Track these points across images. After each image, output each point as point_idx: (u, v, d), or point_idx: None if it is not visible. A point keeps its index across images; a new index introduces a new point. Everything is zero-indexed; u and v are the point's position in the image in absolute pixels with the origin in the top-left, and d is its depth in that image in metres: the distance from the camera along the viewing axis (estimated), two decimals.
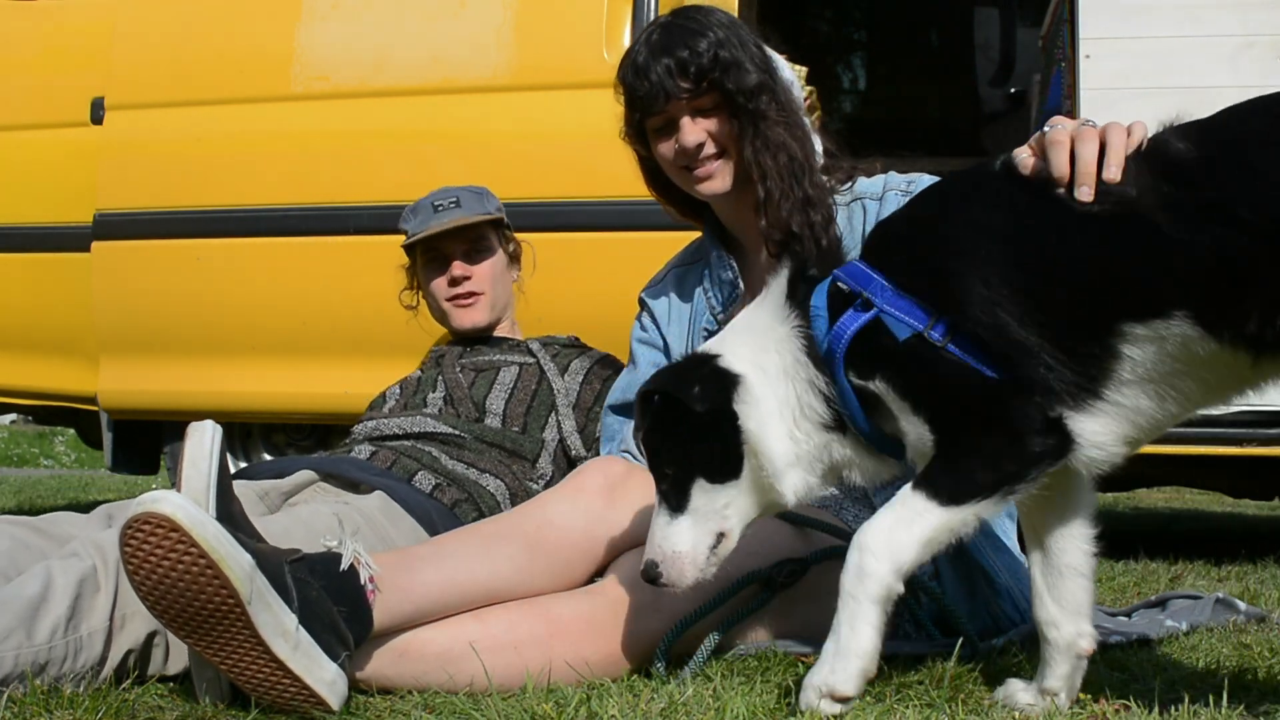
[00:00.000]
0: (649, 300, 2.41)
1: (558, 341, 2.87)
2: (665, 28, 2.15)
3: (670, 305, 2.36)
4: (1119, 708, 1.58)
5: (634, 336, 2.42)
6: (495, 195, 2.93)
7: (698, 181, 2.17)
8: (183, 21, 3.96)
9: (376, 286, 3.66)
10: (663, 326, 2.36)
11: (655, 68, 2.09)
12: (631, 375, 2.37)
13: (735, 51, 2.10)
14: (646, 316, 2.40)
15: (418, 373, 2.85)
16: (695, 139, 2.12)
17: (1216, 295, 1.35)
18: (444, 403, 2.69)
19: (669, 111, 2.13)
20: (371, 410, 2.76)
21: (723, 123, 2.13)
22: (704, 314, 2.30)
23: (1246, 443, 3.33)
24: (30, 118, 4.14)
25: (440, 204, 2.84)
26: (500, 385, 2.71)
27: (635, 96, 2.15)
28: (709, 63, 2.08)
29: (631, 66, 2.14)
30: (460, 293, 2.85)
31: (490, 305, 2.87)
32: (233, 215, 3.81)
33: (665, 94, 2.09)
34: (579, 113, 3.53)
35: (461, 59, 3.67)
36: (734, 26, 2.15)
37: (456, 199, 2.85)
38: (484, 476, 2.48)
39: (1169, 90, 3.44)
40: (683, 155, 2.15)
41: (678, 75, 2.08)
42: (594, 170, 3.43)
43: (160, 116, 3.90)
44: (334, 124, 3.74)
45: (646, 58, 2.11)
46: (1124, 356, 1.41)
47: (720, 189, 2.17)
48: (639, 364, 2.36)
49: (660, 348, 2.36)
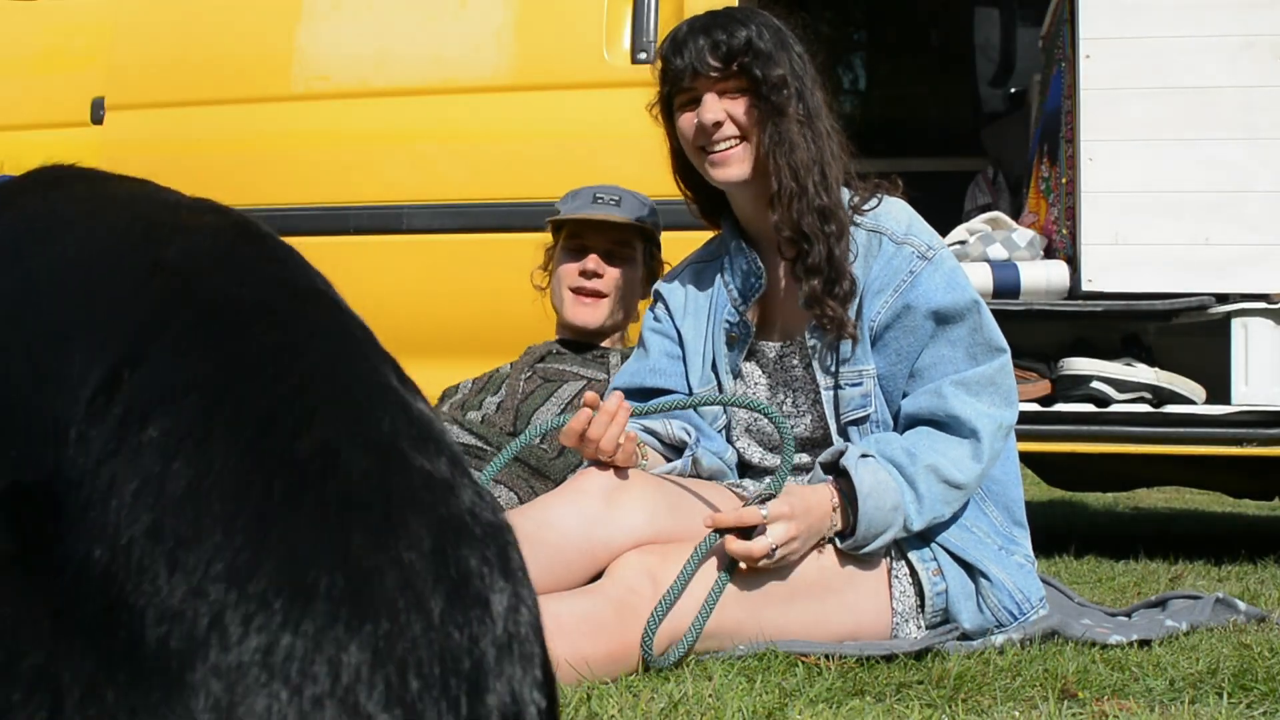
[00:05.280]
0: (664, 292, 2.43)
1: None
2: (712, 13, 2.26)
3: (687, 297, 2.38)
4: (1119, 707, 1.57)
5: (646, 326, 2.43)
6: (658, 212, 2.94)
7: (713, 166, 2.22)
8: (183, 21, 3.95)
9: (377, 286, 3.68)
10: (677, 318, 2.38)
11: (691, 44, 2.18)
12: (642, 361, 2.39)
13: (771, 47, 2.18)
14: (661, 307, 2.42)
15: (506, 367, 2.85)
16: (714, 116, 2.18)
17: None
18: (495, 409, 2.68)
19: (696, 88, 2.21)
20: (444, 398, 2.78)
21: (747, 109, 2.19)
22: (724, 305, 2.31)
23: (1246, 443, 3.33)
24: (30, 118, 4.14)
25: (602, 197, 2.86)
26: (556, 399, 2.70)
27: (668, 69, 2.24)
28: (741, 47, 2.17)
29: (671, 41, 2.24)
30: (586, 287, 2.85)
31: (609, 312, 2.87)
32: None
33: (694, 70, 2.18)
34: (579, 113, 3.53)
35: (461, 59, 3.67)
36: (781, 30, 2.24)
37: (619, 199, 2.86)
38: (498, 488, 2.47)
39: (1169, 90, 3.45)
40: (701, 133, 2.21)
41: (709, 53, 2.17)
42: (594, 170, 3.43)
43: (160, 116, 3.90)
44: (334, 124, 3.74)
45: (686, 34, 2.21)
46: None
47: (736, 176, 2.21)
48: (650, 351, 2.38)
49: (674, 338, 2.38)
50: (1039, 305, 3.49)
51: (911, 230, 2.20)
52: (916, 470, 2.02)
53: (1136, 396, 3.44)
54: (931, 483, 2.03)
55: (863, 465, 2.01)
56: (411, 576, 0.78)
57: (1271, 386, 3.35)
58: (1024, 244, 3.61)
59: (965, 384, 2.09)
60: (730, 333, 2.29)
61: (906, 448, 2.06)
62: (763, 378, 2.29)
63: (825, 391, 2.19)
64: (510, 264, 3.23)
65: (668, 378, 2.33)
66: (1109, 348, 3.58)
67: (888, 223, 2.20)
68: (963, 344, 2.12)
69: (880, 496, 1.99)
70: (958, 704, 1.60)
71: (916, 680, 1.74)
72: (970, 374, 2.10)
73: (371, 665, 0.74)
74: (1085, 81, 3.48)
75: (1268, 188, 3.38)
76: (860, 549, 2.02)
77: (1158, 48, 3.45)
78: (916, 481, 2.02)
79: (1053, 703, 1.61)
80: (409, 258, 3.63)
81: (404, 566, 0.78)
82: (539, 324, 3.05)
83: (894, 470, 2.03)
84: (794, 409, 2.25)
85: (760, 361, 2.30)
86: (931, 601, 2.07)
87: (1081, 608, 2.41)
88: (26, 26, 4.21)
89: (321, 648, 0.73)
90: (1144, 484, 4.87)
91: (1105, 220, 3.44)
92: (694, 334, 2.34)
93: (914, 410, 2.12)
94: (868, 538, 2.00)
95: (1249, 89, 3.39)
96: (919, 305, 2.12)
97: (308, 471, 0.81)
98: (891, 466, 2.03)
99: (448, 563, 0.80)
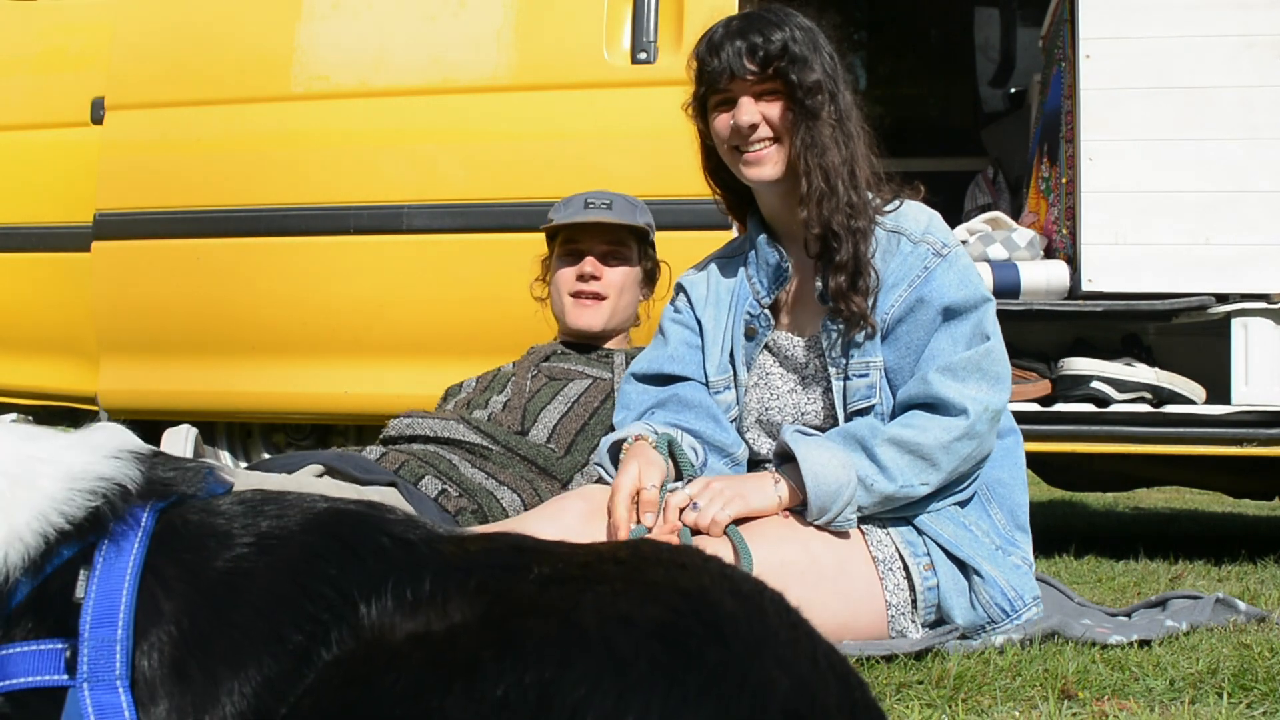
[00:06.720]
0: (686, 284, 2.48)
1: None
2: (747, 16, 2.29)
3: (709, 289, 2.43)
4: (1119, 707, 1.58)
5: (665, 316, 2.48)
6: (649, 211, 2.98)
7: (746, 165, 2.27)
8: (183, 21, 3.95)
9: (377, 286, 3.68)
10: (698, 309, 2.43)
11: (728, 48, 2.22)
12: (662, 349, 2.43)
13: (806, 50, 2.22)
14: (682, 299, 2.47)
15: (509, 366, 2.85)
16: (750, 119, 2.23)
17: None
18: (501, 408, 2.69)
19: (732, 90, 2.25)
20: (447, 396, 2.78)
21: (782, 111, 2.24)
22: (747, 298, 2.36)
23: (1246, 443, 3.33)
24: (30, 118, 4.14)
25: (594, 202, 2.87)
26: (562, 398, 2.70)
27: (704, 71, 2.27)
28: (778, 51, 2.20)
29: (707, 43, 2.27)
30: (586, 290, 2.86)
31: (610, 313, 2.88)
32: (233, 215, 3.81)
33: (731, 72, 2.22)
34: (579, 113, 3.53)
35: (461, 59, 3.66)
36: (813, 32, 2.27)
37: (610, 202, 2.88)
38: (501, 489, 2.47)
39: (1169, 90, 3.45)
40: (736, 134, 2.26)
41: (746, 57, 2.21)
42: (595, 170, 3.43)
43: (160, 116, 3.89)
44: (334, 124, 3.74)
45: (722, 37, 2.24)
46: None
47: (769, 175, 2.26)
48: (670, 339, 2.43)
49: (694, 329, 2.42)
50: (1039, 305, 3.49)
51: (930, 230, 2.24)
52: (876, 441, 2.08)
53: (1136, 396, 3.44)
54: (895, 453, 2.08)
55: (799, 435, 2.12)
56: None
57: (1271, 386, 3.36)
58: (1024, 244, 3.61)
59: (950, 369, 2.13)
60: (750, 325, 2.34)
61: (871, 424, 2.14)
62: (776, 368, 2.33)
63: (835, 382, 2.23)
64: (510, 264, 3.23)
65: (686, 366, 2.39)
66: (1109, 348, 3.58)
67: (907, 224, 2.25)
68: (963, 338, 2.15)
69: (822, 455, 2.06)
70: (958, 704, 1.60)
71: (916, 680, 1.74)
72: (956, 359, 2.13)
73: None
74: (1085, 81, 3.48)
75: (1268, 188, 3.39)
76: (826, 514, 2.06)
77: (1158, 48, 3.45)
78: (875, 449, 2.08)
79: (1053, 703, 1.61)
80: (409, 258, 3.63)
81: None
82: (539, 324, 3.05)
83: (852, 441, 2.10)
84: (805, 398, 2.28)
85: (774, 352, 2.34)
86: (923, 596, 2.09)
87: (1081, 608, 2.42)
88: (26, 26, 4.21)
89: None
90: (1144, 484, 4.87)
91: (1105, 220, 3.45)
92: (714, 324, 2.39)
93: (904, 398, 2.18)
94: (822, 499, 2.05)
95: (1249, 89, 3.39)
96: (932, 300, 2.17)
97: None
98: (849, 439, 2.10)
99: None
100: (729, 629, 0.97)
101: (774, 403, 2.31)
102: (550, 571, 1.09)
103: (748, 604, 1.04)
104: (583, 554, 1.15)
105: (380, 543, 1.19)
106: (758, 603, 1.05)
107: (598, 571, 1.08)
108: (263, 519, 1.22)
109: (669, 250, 3.05)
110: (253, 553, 1.18)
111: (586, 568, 1.09)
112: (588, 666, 0.92)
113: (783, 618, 1.05)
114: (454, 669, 0.95)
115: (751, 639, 0.97)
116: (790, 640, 1.00)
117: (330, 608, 1.12)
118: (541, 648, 0.95)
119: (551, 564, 1.11)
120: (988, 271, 3.50)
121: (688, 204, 3.21)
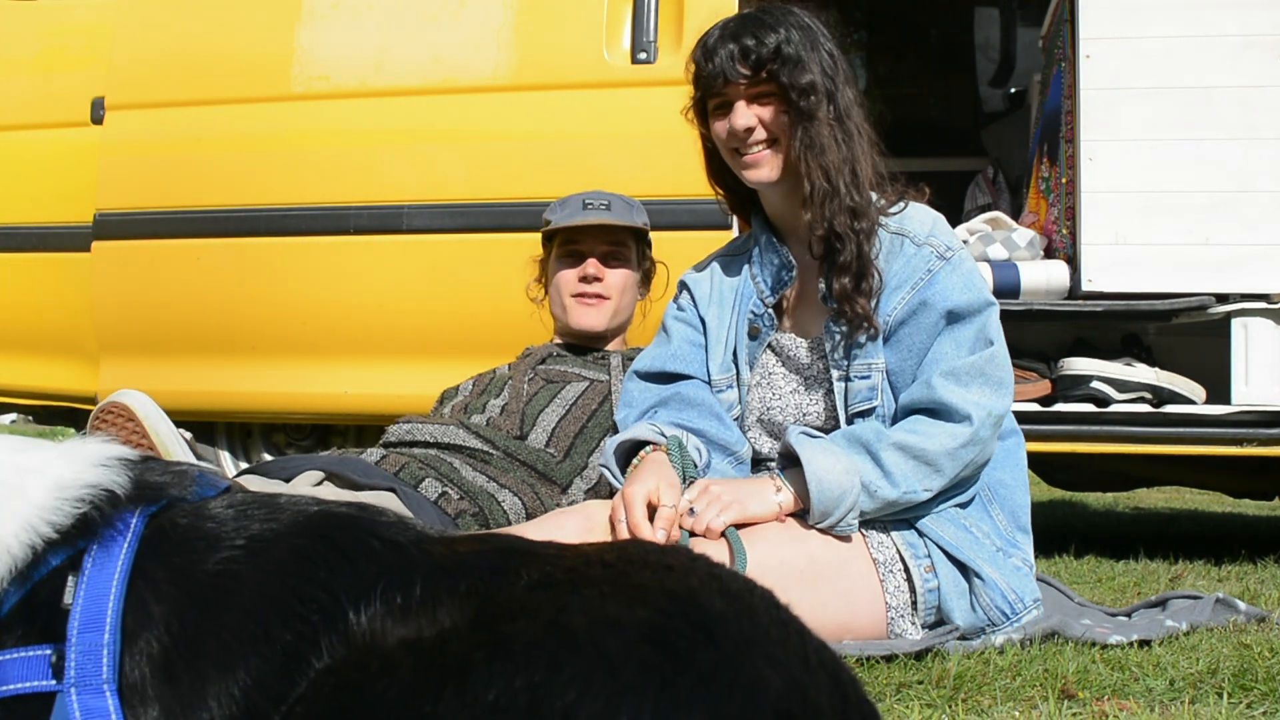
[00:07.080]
0: (690, 282, 2.48)
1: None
2: (742, 17, 2.28)
3: (713, 287, 2.43)
4: (1119, 707, 1.58)
5: (669, 314, 2.48)
6: (645, 211, 2.98)
7: (745, 167, 2.28)
8: (183, 21, 3.95)
9: (377, 286, 3.68)
10: (702, 307, 2.43)
11: (721, 51, 2.22)
12: (665, 346, 2.43)
13: (801, 50, 2.21)
14: (686, 296, 2.47)
15: (504, 368, 2.85)
16: (745, 122, 2.23)
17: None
18: (499, 412, 2.68)
19: (727, 94, 2.25)
20: (443, 400, 2.77)
21: (777, 113, 2.24)
22: (750, 296, 2.36)
23: (1246, 443, 3.33)
24: (30, 118, 4.14)
25: (591, 203, 2.87)
26: (560, 401, 2.70)
27: (700, 75, 2.28)
28: (770, 54, 2.20)
29: (702, 47, 2.27)
30: (589, 292, 2.86)
31: (612, 313, 2.88)
32: (233, 215, 3.81)
33: (725, 77, 2.22)
34: (579, 113, 3.53)
35: (461, 59, 3.67)
36: (810, 30, 2.26)
37: (608, 203, 2.88)
38: (502, 492, 2.47)
39: (1169, 90, 3.45)
40: (733, 137, 2.26)
41: (739, 61, 2.21)
42: (595, 170, 3.43)
43: (160, 116, 3.90)
44: (334, 124, 3.74)
45: (717, 40, 2.24)
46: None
47: (767, 177, 2.27)
48: (673, 337, 2.43)
49: (697, 327, 2.42)
50: (1039, 305, 3.49)
51: (934, 233, 2.24)
52: (881, 445, 2.08)
53: (1136, 396, 3.44)
54: (899, 458, 2.07)
55: (804, 438, 2.11)
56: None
57: (1271, 386, 3.35)
58: (1024, 244, 3.61)
59: (954, 374, 2.12)
60: (754, 324, 2.34)
61: (876, 428, 2.13)
62: (778, 368, 2.33)
63: (837, 384, 2.23)
64: (510, 264, 3.23)
65: (688, 364, 2.39)
66: (1109, 348, 3.58)
67: (911, 226, 2.25)
68: (966, 343, 2.14)
69: (826, 459, 2.05)
70: (958, 704, 1.60)
71: (916, 680, 1.74)
72: (959, 363, 2.13)
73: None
74: (1085, 81, 3.48)
75: (1268, 188, 3.38)
76: (828, 519, 2.05)
77: (1157, 48, 3.45)
78: (880, 455, 2.07)
79: (1053, 703, 1.61)
80: (409, 258, 3.63)
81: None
82: (539, 324, 3.05)
83: (857, 445, 2.09)
84: (807, 399, 2.28)
85: (777, 352, 2.34)
86: (924, 598, 2.08)
87: (1081, 608, 2.42)
88: (26, 26, 4.21)
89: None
90: (1144, 484, 4.86)
91: (1105, 220, 3.45)
92: (718, 323, 2.39)
93: (907, 402, 2.17)
94: (826, 504, 2.04)
95: (1249, 89, 3.39)
96: (936, 303, 2.16)
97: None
98: (854, 443, 2.10)
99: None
100: (719, 629, 0.97)
101: (776, 403, 2.31)
102: (539, 575, 1.09)
103: (737, 603, 1.03)
104: (570, 557, 1.15)
105: (370, 545, 1.19)
106: (747, 602, 1.05)
107: (585, 575, 1.08)
108: (253, 521, 1.22)
109: (669, 250, 3.05)
110: (242, 555, 1.18)
111: (574, 571, 1.09)
112: (578, 669, 0.92)
113: (772, 616, 1.04)
114: (445, 674, 0.96)
115: (741, 639, 0.97)
116: (780, 639, 1.00)
117: (320, 609, 1.12)
118: (530, 651, 0.95)
119: (539, 567, 1.11)
120: (988, 271, 3.50)
121: (687, 204, 3.21)
